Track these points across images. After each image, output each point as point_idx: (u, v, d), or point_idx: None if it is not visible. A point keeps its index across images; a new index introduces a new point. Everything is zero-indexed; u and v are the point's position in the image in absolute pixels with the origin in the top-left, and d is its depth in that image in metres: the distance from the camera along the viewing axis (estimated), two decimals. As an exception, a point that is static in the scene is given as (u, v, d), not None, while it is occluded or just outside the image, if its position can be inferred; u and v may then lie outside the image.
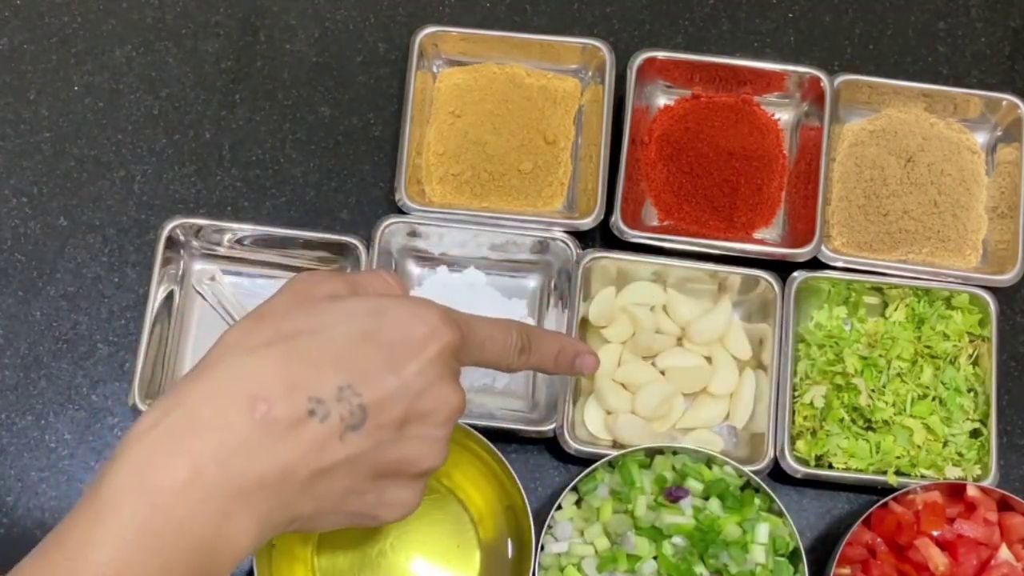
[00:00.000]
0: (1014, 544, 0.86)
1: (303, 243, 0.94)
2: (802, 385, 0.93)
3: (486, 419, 0.90)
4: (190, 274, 0.95)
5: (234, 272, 0.96)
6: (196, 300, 0.95)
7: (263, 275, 0.96)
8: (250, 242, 0.94)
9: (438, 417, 0.64)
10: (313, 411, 0.59)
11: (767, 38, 1.05)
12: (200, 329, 0.95)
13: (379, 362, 0.61)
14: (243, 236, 0.94)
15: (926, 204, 0.98)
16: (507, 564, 0.87)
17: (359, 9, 1.04)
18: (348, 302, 0.64)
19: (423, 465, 0.65)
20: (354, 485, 0.63)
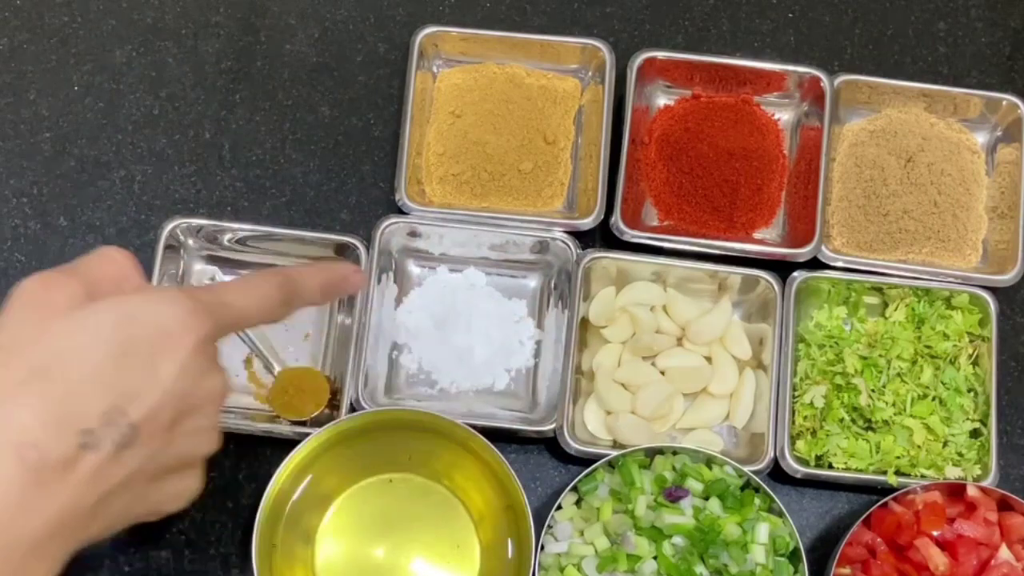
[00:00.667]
0: (1014, 544, 0.86)
1: (303, 243, 0.94)
2: (802, 385, 0.93)
3: (486, 419, 0.90)
4: (190, 274, 0.95)
5: (234, 272, 0.96)
6: None
7: None
8: (250, 242, 0.94)
9: (208, 407, 0.65)
10: (85, 444, 0.58)
11: (767, 38, 1.05)
12: None
13: (138, 373, 0.60)
14: (243, 236, 0.94)
15: (926, 204, 0.98)
16: (507, 564, 0.87)
17: (359, 9, 1.04)
18: (91, 315, 0.61)
19: (199, 454, 0.66)
20: (137, 493, 0.62)
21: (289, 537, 0.87)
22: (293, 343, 0.94)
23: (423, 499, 0.89)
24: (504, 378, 0.94)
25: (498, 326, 0.94)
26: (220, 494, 0.92)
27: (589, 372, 0.94)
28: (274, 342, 0.94)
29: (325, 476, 0.88)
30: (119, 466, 0.60)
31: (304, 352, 0.94)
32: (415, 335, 0.95)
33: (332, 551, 0.89)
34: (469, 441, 0.86)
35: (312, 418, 0.91)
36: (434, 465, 0.89)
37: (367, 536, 0.89)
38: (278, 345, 0.94)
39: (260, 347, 0.93)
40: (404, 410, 0.89)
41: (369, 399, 0.90)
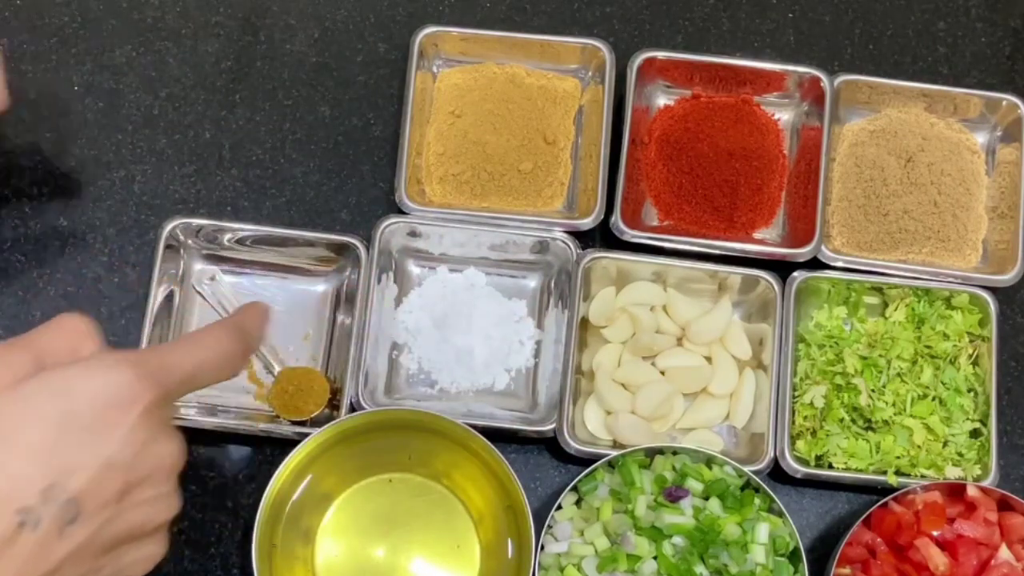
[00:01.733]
0: (1014, 544, 0.86)
1: (303, 243, 0.94)
2: (802, 385, 0.93)
3: (486, 419, 0.90)
4: (190, 274, 0.95)
5: (234, 272, 0.96)
6: (196, 300, 0.95)
7: (263, 275, 0.96)
8: (250, 242, 0.94)
9: (159, 476, 0.63)
10: (23, 522, 0.57)
11: (767, 38, 1.05)
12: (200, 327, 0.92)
13: (78, 447, 0.59)
14: (243, 236, 0.94)
15: (926, 204, 0.98)
16: (507, 564, 0.87)
17: (359, 9, 1.04)
18: (31, 390, 0.59)
19: (156, 522, 0.64)
20: (90, 567, 0.61)
21: (289, 537, 0.87)
22: (293, 343, 0.94)
23: (423, 499, 0.89)
24: (504, 378, 0.94)
25: (498, 326, 0.94)
26: (220, 494, 0.92)
27: (589, 372, 0.94)
28: (274, 342, 0.94)
29: (325, 476, 0.88)
30: (62, 542, 0.58)
31: (304, 352, 0.94)
32: (415, 335, 0.95)
33: (332, 551, 0.89)
34: (469, 441, 0.86)
35: (312, 418, 0.91)
36: (434, 465, 0.89)
37: (367, 536, 0.89)
38: (278, 345, 0.94)
39: (260, 348, 0.92)
40: (404, 410, 0.89)
41: (369, 399, 0.90)
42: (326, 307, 0.95)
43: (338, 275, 0.95)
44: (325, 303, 0.96)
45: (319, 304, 0.96)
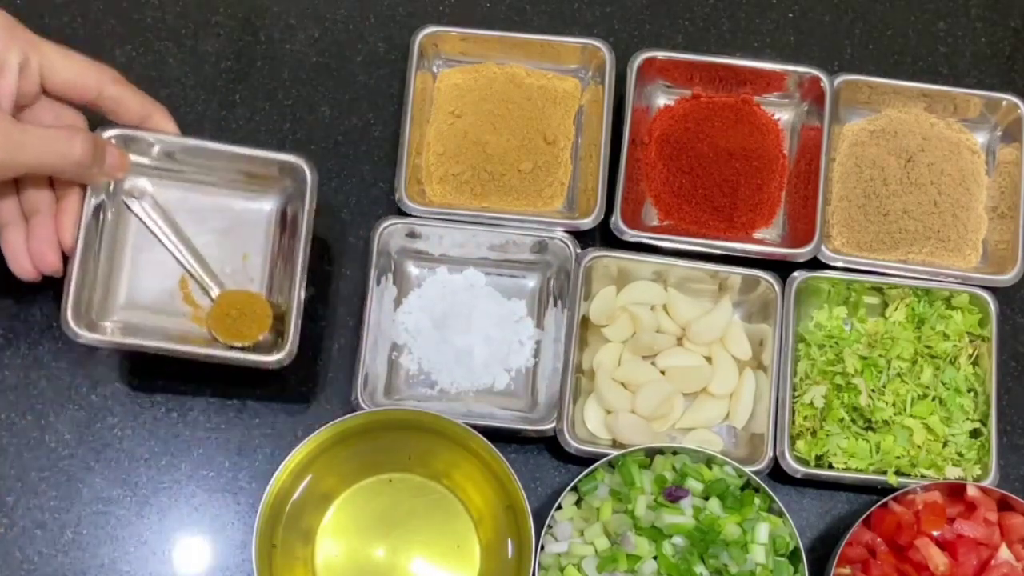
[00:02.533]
0: (1014, 544, 0.86)
1: (241, 160, 0.89)
2: (802, 385, 0.93)
3: (486, 419, 0.90)
4: (120, 188, 0.89)
5: (166, 187, 0.90)
6: (129, 217, 0.90)
7: (198, 190, 0.91)
8: (182, 156, 0.89)
9: None
10: None
11: (767, 38, 1.05)
12: (134, 248, 0.90)
13: None
14: (174, 150, 0.88)
15: (926, 204, 0.98)
16: (507, 564, 0.87)
17: (359, 9, 1.04)
18: None
19: None
20: None
21: (289, 537, 0.87)
22: (231, 264, 0.91)
23: (423, 499, 0.89)
24: (504, 378, 0.94)
25: (498, 326, 0.94)
26: (220, 493, 0.92)
27: (589, 371, 0.94)
28: (211, 262, 0.90)
29: (325, 476, 0.88)
30: None
31: (242, 275, 0.91)
32: (415, 336, 0.95)
33: (332, 551, 0.89)
34: (469, 441, 0.86)
35: (255, 343, 0.88)
36: (434, 465, 0.90)
37: (367, 536, 0.89)
38: (215, 265, 0.90)
39: (196, 266, 0.89)
40: (404, 410, 0.89)
41: (369, 399, 0.90)
42: (269, 228, 0.92)
43: (281, 195, 0.91)
44: (269, 224, 0.92)
45: (261, 224, 0.91)
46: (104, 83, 0.84)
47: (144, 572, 0.91)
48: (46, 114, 0.83)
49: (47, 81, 0.82)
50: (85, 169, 0.81)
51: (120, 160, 0.85)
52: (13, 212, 0.84)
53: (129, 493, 0.92)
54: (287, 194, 0.91)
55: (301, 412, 0.94)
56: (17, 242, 0.84)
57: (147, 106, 0.87)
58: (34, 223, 0.84)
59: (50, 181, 0.85)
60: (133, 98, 0.86)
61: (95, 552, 0.91)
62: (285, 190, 0.91)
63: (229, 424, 0.94)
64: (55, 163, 0.80)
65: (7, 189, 0.83)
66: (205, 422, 0.94)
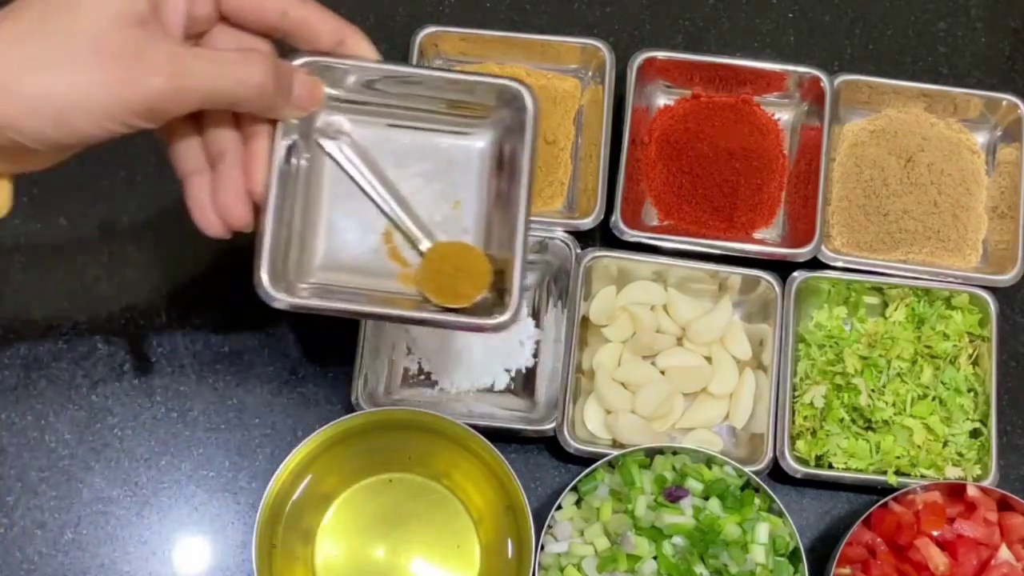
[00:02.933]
0: (1014, 544, 0.86)
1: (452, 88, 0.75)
2: (802, 385, 0.93)
3: (486, 419, 0.90)
4: (313, 126, 0.75)
5: (365, 124, 0.76)
6: (324, 161, 0.76)
7: (402, 126, 0.77)
8: (383, 87, 0.75)
9: None
10: None
11: (767, 38, 1.05)
12: (329, 197, 0.76)
13: None
14: (374, 79, 0.74)
15: (926, 204, 0.98)
16: (507, 564, 0.87)
17: (359, 9, 1.04)
18: None
19: None
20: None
21: (289, 537, 0.87)
22: (440, 211, 0.77)
23: (423, 499, 0.89)
24: (504, 378, 0.94)
25: (498, 326, 0.94)
26: (220, 493, 0.92)
27: (589, 371, 0.94)
28: (418, 210, 0.76)
29: (325, 476, 0.88)
30: None
31: (454, 222, 0.76)
32: (415, 335, 0.94)
33: (332, 551, 0.89)
34: (469, 441, 0.86)
35: (473, 304, 0.74)
36: (434, 465, 0.90)
37: (367, 536, 0.89)
38: (423, 214, 0.76)
39: (403, 216, 0.75)
40: (404, 410, 0.89)
41: (369, 399, 0.90)
42: (483, 169, 0.77)
43: (495, 130, 0.77)
44: (482, 164, 0.77)
45: (473, 165, 0.77)
46: (288, 2, 0.70)
47: (144, 572, 0.91)
48: (225, 42, 0.70)
49: (224, 2, 0.69)
50: (268, 98, 0.68)
51: (311, 89, 0.72)
52: (196, 159, 0.71)
53: (129, 493, 0.92)
54: (503, 127, 0.77)
55: (301, 412, 0.94)
56: (201, 193, 0.71)
57: (340, 28, 0.73)
58: (219, 171, 0.71)
59: (236, 121, 0.71)
60: (323, 19, 0.72)
61: (95, 552, 0.91)
62: (501, 122, 0.77)
63: (229, 424, 0.94)
64: (232, 90, 0.66)
65: (187, 132, 0.71)
66: (205, 422, 0.94)
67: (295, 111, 0.71)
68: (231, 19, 0.70)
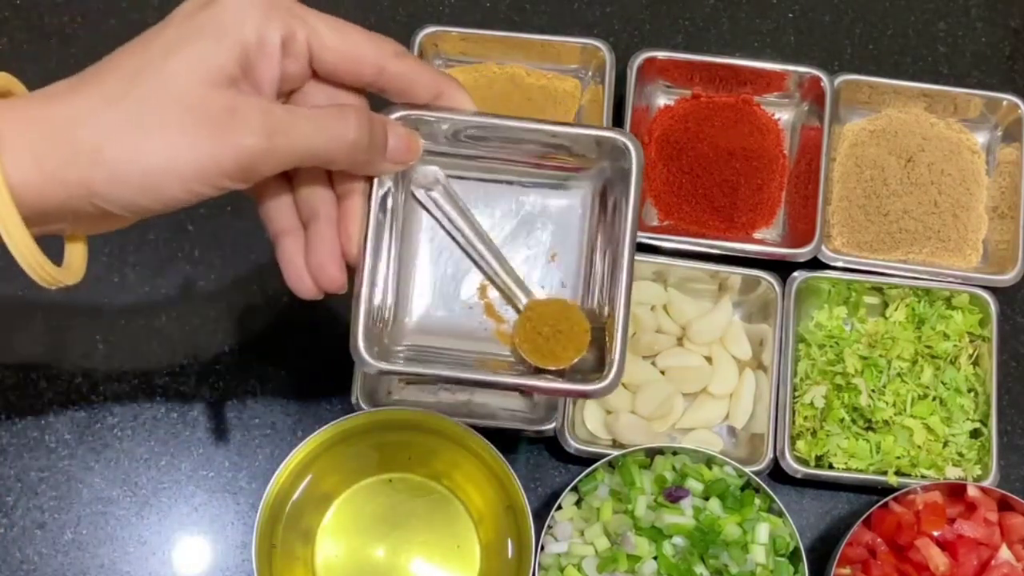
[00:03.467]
0: (1014, 544, 0.86)
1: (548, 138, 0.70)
2: (802, 385, 0.93)
3: (486, 419, 0.90)
4: (409, 178, 0.71)
5: (456, 175, 0.72)
6: (419, 216, 0.72)
7: (492, 179, 0.73)
8: (475, 133, 0.70)
9: None
10: None
11: (767, 38, 1.05)
12: (425, 252, 0.72)
13: None
14: (462, 128, 0.69)
15: (926, 204, 0.98)
16: (507, 564, 0.87)
17: (359, 9, 1.04)
18: None
19: None
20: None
21: (289, 537, 0.87)
22: (537, 266, 0.73)
23: (423, 499, 0.89)
24: (504, 378, 0.94)
25: (498, 326, 0.94)
26: (220, 493, 0.92)
27: (589, 372, 0.94)
28: (515, 264, 0.72)
29: (325, 476, 0.88)
30: None
31: (551, 277, 0.73)
32: (415, 335, 0.94)
33: (332, 551, 0.89)
34: (469, 441, 0.86)
35: (571, 367, 0.70)
36: (434, 465, 0.89)
37: (367, 536, 0.89)
38: (520, 269, 0.72)
39: (499, 270, 0.71)
40: (404, 410, 0.88)
41: (369, 399, 0.90)
42: (583, 220, 0.73)
43: (595, 180, 0.73)
44: (583, 215, 0.74)
45: (570, 216, 0.73)
46: (386, 58, 0.66)
47: (144, 572, 0.91)
48: (317, 99, 0.66)
49: (317, 59, 0.65)
50: (363, 153, 0.65)
51: (408, 143, 0.68)
52: (289, 218, 0.68)
53: (129, 493, 0.92)
54: (604, 178, 0.73)
55: (301, 412, 0.94)
56: (295, 254, 0.68)
57: (439, 82, 0.68)
58: (313, 231, 0.67)
59: (329, 179, 0.68)
60: (422, 73, 0.68)
61: (95, 552, 0.91)
62: (601, 173, 0.73)
63: (229, 424, 0.94)
64: (327, 146, 0.63)
65: (281, 191, 0.67)
66: (205, 422, 0.94)
67: (391, 166, 0.68)
68: (325, 77, 0.66)
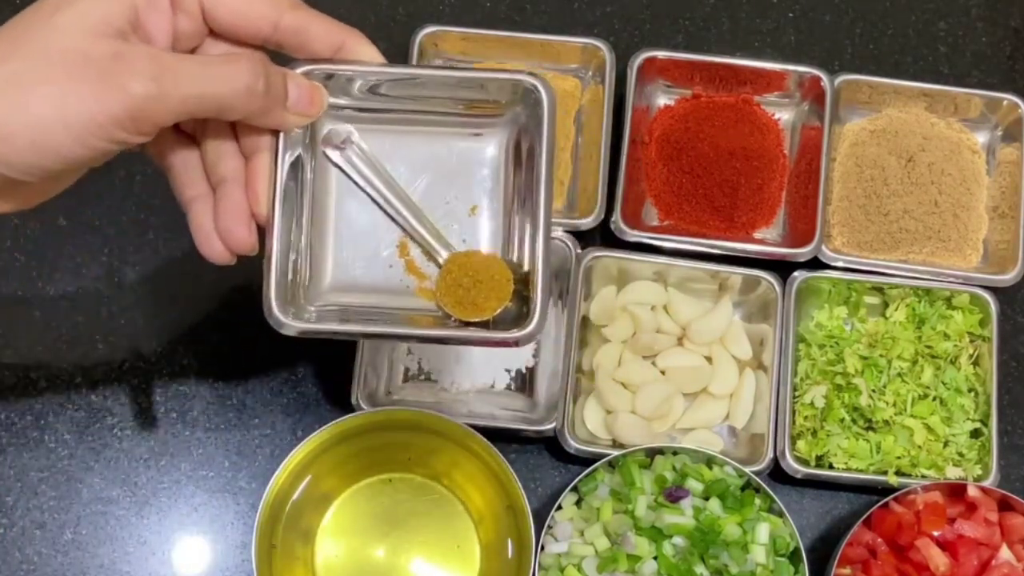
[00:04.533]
0: (1014, 544, 0.86)
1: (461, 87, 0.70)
2: (802, 385, 0.93)
3: (486, 419, 0.90)
4: (318, 136, 0.71)
5: (373, 131, 0.72)
6: (330, 172, 0.72)
7: (411, 131, 0.72)
8: (389, 90, 0.70)
9: None
10: None
11: (767, 38, 1.05)
12: (341, 207, 0.72)
13: None
14: (379, 82, 0.69)
15: (927, 204, 0.98)
16: (507, 564, 0.87)
17: (359, 9, 1.04)
18: None
19: None
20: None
21: (289, 537, 0.87)
22: (457, 219, 0.72)
23: (423, 499, 0.89)
24: (504, 378, 0.94)
25: (498, 326, 0.94)
26: (220, 493, 0.92)
27: (589, 371, 0.94)
28: (433, 218, 0.72)
29: (325, 476, 0.88)
30: None
31: (472, 230, 0.72)
32: (417, 336, 0.94)
33: (332, 551, 0.89)
34: (469, 441, 0.86)
35: (495, 317, 0.70)
36: (434, 465, 0.89)
37: (367, 536, 0.89)
38: (438, 222, 0.72)
39: (417, 226, 0.71)
40: (404, 410, 0.88)
41: (369, 399, 0.90)
42: (499, 170, 0.72)
43: (510, 127, 0.72)
44: (498, 165, 0.73)
45: (488, 167, 0.72)
46: (281, 10, 0.65)
47: (144, 572, 0.91)
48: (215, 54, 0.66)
49: (210, 15, 0.64)
50: (259, 100, 0.63)
51: (310, 94, 0.67)
52: (199, 184, 0.67)
53: (129, 493, 0.92)
54: (518, 125, 0.72)
55: (301, 412, 0.94)
56: (204, 220, 0.67)
57: (338, 32, 0.68)
58: (220, 194, 0.67)
59: (235, 138, 0.67)
60: (319, 24, 0.67)
61: (95, 552, 0.91)
62: (516, 120, 0.72)
63: (229, 424, 0.94)
64: (219, 90, 0.61)
65: (188, 155, 0.67)
66: (205, 422, 0.94)
67: (295, 119, 0.67)
68: (221, 33, 0.65)
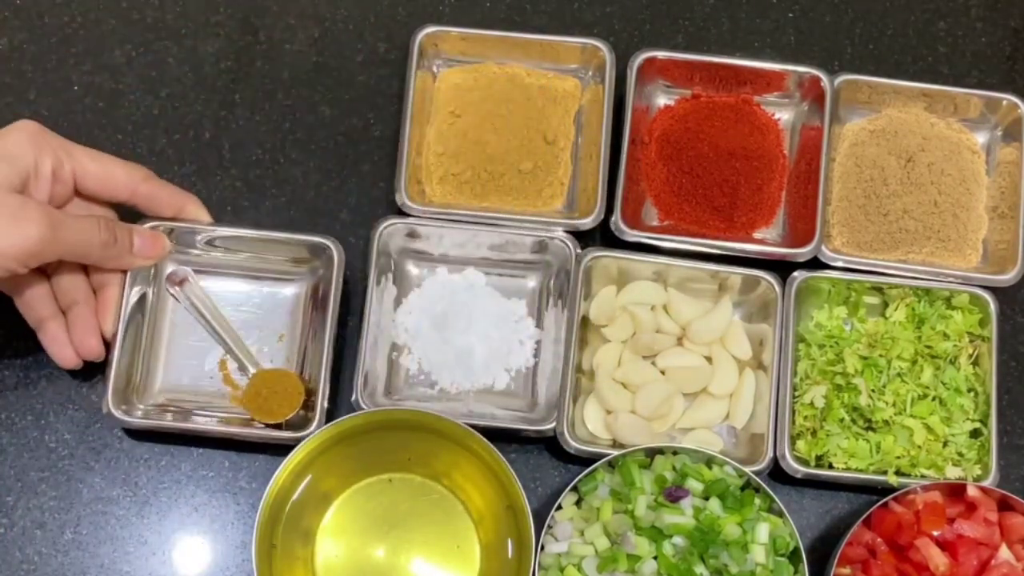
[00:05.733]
0: (1014, 544, 0.86)
1: (276, 243, 0.93)
2: (802, 385, 0.93)
3: (486, 419, 0.90)
4: (162, 276, 0.94)
5: (207, 273, 0.95)
6: (169, 302, 0.94)
7: (236, 276, 0.95)
8: (221, 243, 0.93)
9: None
10: None
11: (767, 38, 1.05)
12: (174, 332, 0.94)
13: None
14: (214, 237, 0.92)
15: (926, 204, 0.98)
16: (507, 564, 0.87)
17: (359, 9, 1.04)
18: None
19: None
20: None
21: (289, 537, 0.87)
22: (268, 344, 0.94)
23: (423, 499, 0.89)
24: (504, 378, 0.94)
25: (498, 326, 0.94)
26: (220, 493, 0.92)
27: (589, 371, 0.94)
28: (248, 343, 0.93)
29: (325, 476, 0.88)
30: None
31: (279, 354, 0.94)
32: (415, 336, 0.94)
33: (332, 551, 0.89)
34: (469, 441, 0.86)
35: (287, 421, 0.90)
36: (434, 465, 0.90)
37: (367, 536, 0.89)
38: (252, 346, 0.93)
39: (234, 348, 0.92)
40: (404, 410, 0.89)
41: (369, 399, 0.90)
42: (300, 308, 0.95)
43: (312, 276, 0.94)
44: (299, 304, 0.95)
45: (293, 305, 0.95)
46: (136, 182, 0.88)
47: (144, 572, 0.91)
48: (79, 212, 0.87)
49: (80, 184, 0.86)
50: (110, 250, 0.85)
51: (152, 243, 0.89)
52: (49, 307, 0.87)
53: (129, 493, 0.92)
54: (317, 274, 0.94)
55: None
56: (58, 333, 0.87)
57: (180, 198, 0.91)
58: (74, 315, 0.88)
59: (85, 273, 0.88)
60: (165, 193, 0.90)
61: (95, 552, 0.91)
62: (315, 270, 0.94)
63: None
64: (85, 242, 0.83)
65: (39, 287, 0.87)
66: (205, 422, 0.94)
67: (141, 261, 0.89)
68: (88, 197, 0.87)
